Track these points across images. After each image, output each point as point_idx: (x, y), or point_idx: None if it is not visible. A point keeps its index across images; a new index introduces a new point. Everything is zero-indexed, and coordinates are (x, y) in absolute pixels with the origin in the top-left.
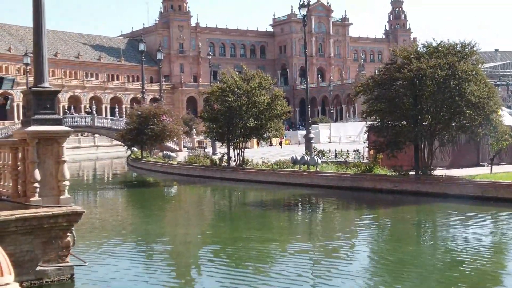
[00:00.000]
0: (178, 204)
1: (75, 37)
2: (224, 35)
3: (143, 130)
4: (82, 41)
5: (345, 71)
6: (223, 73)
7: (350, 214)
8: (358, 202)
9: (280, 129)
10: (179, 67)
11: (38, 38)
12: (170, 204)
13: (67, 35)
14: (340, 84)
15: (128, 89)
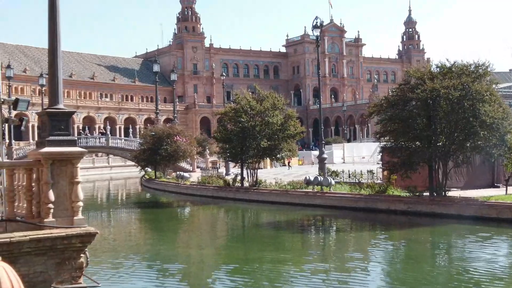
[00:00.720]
0: (191, 225)
1: (90, 58)
2: (238, 56)
3: (156, 150)
4: (97, 62)
5: (358, 91)
6: (236, 94)
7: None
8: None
9: (293, 150)
10: (193, 88)
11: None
12: (183, 224)
13: (82, 56)
14: (354, 104)
15: (142, 109)
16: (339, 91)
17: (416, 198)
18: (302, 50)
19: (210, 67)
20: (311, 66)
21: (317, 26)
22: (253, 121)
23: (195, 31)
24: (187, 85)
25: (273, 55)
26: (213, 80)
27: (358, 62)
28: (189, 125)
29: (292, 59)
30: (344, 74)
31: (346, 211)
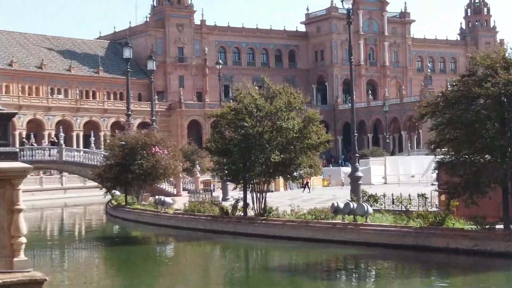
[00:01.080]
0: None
1: (37, 40)
2: (239, 37)
3: (128, 166)
4: (47, 46)
5: (405, 85)
6: (237, 89)
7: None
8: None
9: (316, 165)
10: (178, 80)
11: None
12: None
13: (27, 38)
14: (399, 103)
15: (108, 110)
16: (378, 84)
17: (485, 233)
18: (328, 29)
19: (202, 52)
20: (340, 51)
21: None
22: (261, 126)
23: (181, 2)
24: (170, 77)
25: (288, 35)
26: (205, 70)
27: (405, 45)
28: (173, 131)
29: (314, 41)
30: (385, 61)
31: (388, 249)
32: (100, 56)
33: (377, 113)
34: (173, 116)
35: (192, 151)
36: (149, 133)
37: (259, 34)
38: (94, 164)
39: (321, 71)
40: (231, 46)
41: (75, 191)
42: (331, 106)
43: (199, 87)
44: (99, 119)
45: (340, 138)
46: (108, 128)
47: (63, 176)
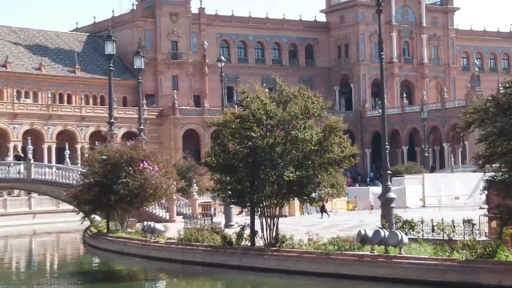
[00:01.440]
0: None
1: (0, 33)
2: (246, 29)
3: (110, 186)
4: (12, 40)
5: (447, 87)
6: (243, 91)
7: None
8: None
9: (339, 185)
10: (171, 81)
11: None
12: None
13: None
14: (440, 108)
15: (86, 117)
16: (415, 86)
17: None
18: (354, 19)
19: (200, 47)
20: (368, 45)
21: None
22: (272, 137)
23: None
24: (162, 77)
25: (305, 27)
26: (204, 69)
27: (448, 39)
28: (165, 143)
29: (337, 33)
30: (423, 58)
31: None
32: (77, 52)
33: (413, 121)
34: (165, 124)
35: (188, 167)
36: (136, 145)
37: (269, 25)
38: (69, 183)
39: (345, 70)
40: (235, 40)
41: (46, 215)
42: (357, 113)
43: (196, 90)
44: (75, 128)
45: (369, 151)
46: (87, 139)
47: (32, 197)
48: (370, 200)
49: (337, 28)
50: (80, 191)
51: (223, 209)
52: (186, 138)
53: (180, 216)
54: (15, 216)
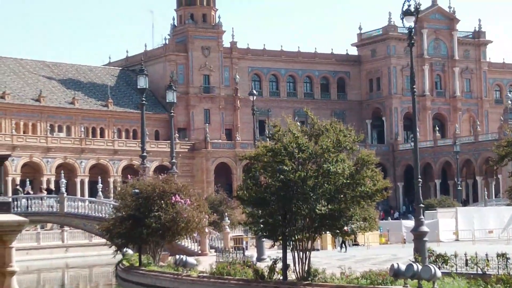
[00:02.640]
0: None
1: (34, 67)
2: (278, 62)
3: (143, 219)
4: (46, 74)
5: (480, 120)
6: (275, 125)
7: None
8: None
9: (372, 218)
10: (203, 115)
11: None
12: None
13: (22, 65)
14: (473, 142)
15: (119, 151)
16: (447, 119)
17: None
18: (385, 52)
19: (232, 81)
20: (400, 78)
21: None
22: (304, 171)
23: (206, 21)
24: (194, 111)
25: (337, 60)
26: (236, 103)
27: (480, 72)
28: (197, 176)
29: (369, 66)
30: (456, 91)
31: None
32: (109, 86)
33: (446, 155)
34: (197, 158)
35: (220, 201)
36: (168, 179)
37: (301, 58)
38: (101, 216)
39: (377, 103)
40: (267, 74)
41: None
42: (389, 146)
43: (228, 123)
44: (108, 162)
45: (401, 185)
46: (119, 173)
47: (65, 231)
48: (403, 233)
49: (368, 62)
50: (112, 224)
51: (255, 243)
52: (218, 171)
53: (212, 249)
54: (48, 250)
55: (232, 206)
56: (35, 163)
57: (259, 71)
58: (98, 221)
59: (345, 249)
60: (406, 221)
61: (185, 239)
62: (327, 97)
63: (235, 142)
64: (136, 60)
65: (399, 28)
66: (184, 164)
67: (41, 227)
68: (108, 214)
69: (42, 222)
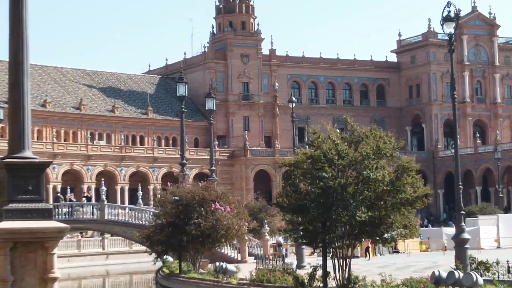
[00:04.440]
0: None
1: (75, 76)
2: (317, 69)
3: (182, 226)
4: (87, 82)
5: None
6: (314, 132)
7: None
8: None
9: (412, 225)
10: (243, 122)
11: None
12: None
13: (62, 73)
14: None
15: (158, 159)
16: (488, 126)
17: None
18: (425, 59)
19: (271, 88)
20: (440, 85)
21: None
22: (343, 178)
23: (245, 28)
24: (233, 118)
25: (376, 67)
26: (275, 110)
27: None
28: (237, 184)
29: (408, 73)
30: (496, 97)
31: None
32: (149, 94)
33: (487, 161)
34: (236, 165)
35: (259, 208)
36: (207, 186)
37: (340, 65)
38: (141, 224)
39: (416, 110)
40: (306, 81)
41: (119, 256)
42: (429, 153)
43: (268, 131)
44: (147, 169)
45: (441, 192)
46: (159, 180)
47: (105, 238)
48: (443, 241)
49: (408, 68)
50: (152, 231)
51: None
52: (257, 178)
53: (251, 256)
54: (89, 257)
55: (271, 213)
56: (75, 171)
57: (298, 78)
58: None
59: (368, 257)
60: (447, 228)
61: (225, 246)
62: (366, 104)
63: (274, 149)
64: (176, 68)
65: (439, 35)
66: (223, 171)
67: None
68: (148, 221)
69: (83, 230)
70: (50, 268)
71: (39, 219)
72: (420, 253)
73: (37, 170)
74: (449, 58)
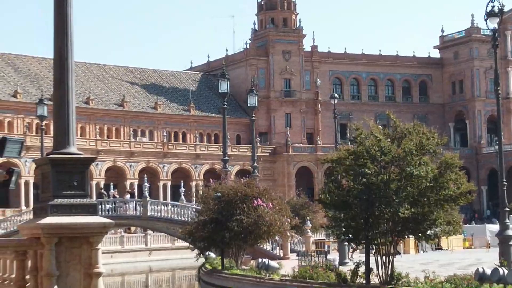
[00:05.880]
0: None
1: (118, 73)
2: (359, 66)
3: (225, 223)
4: (129, 79)
5: None
6: (357, 128)
7: None
8: None
9: (456, 222)
10: (284, 119)
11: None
12: None
13: (106, 70)
14: None
15: (200, 155)
16: None
17: None
18: (468, 55)
19: (313, 85)
20: (483, 81)
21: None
22: (386, 174)
23: (287, 25)
24: (275, 115)
25: (419, 63)
26: (317, 106)
27: None
28: (279, 180)
29: (451, 69)
30: None
31: None
32: (191, 91)
33: None
34: (278, 162)
35: (301, 205)
36: (249, 182)
37: (382, 62)
38: (184, 220)
39: (460, 106)
40: (348, 77)
41: (162, 252)
42: (473, 149)
43: (309, 127)
44: (190, 166)
45: (485, 188)
46: (201, 177)
47: (148, 234)
48: (487, 238)
49: (451, 64)
50: (195, 228)
51: (337, 247)
52: (299, 175)
53: (293, 253)
54: (132, 253)
55: (313, 210)
56: (118, 168)
57: (340, 74)
58: (180, 224)
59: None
60: (491, 225)
61: (267, 242)
62: (408, 101)
63: (316, 146)
64: (218, 64)
65: (482, 30)
66: (265, 168)
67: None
68: (190, 217)
69: (126, 226)
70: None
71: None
72: (463, 250)
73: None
74: (493, 54)
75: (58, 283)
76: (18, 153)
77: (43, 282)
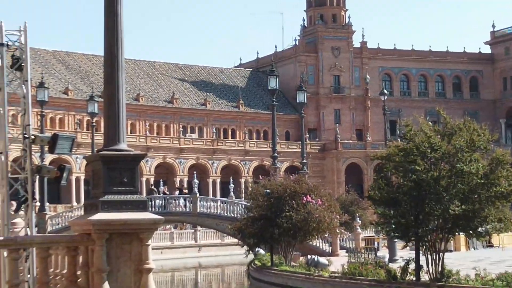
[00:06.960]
0: None
1: (167, 70)
2: (408, 62)
3: (274, 219)
4: (178, 76)
5: None
6: (407, 124)
7: None
8: None
9: (507, 219)
10: (334, 115)
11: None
12: None
13: (155, 67)
14: None
15: (250, 152)
16: None
17: None
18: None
19: (362, 81)
20: None
21: None
22: (436, 171)
23: (336, 21)
24: (324, 111)
25: (470, 59)
26: (367, 103)
27: None
28: (328, 177)
29: (503, 65)
30: None
31: None
32: (240, 88)
33: None
34: (327, 158)
35: (351, 201)
36: (299, 179)
37: (432, 58)
38: (233, 216)
39: (511, 102)
40: (398, 73)
41: (212, 249)
42: None
43: (359, 123)
44: (239, 162)
45: None
46: (250, 173)
47: (197, 231)
48: None
49: (502, 60)
50: (244, 224)
51: (387, 243)
52: (349, 172)
53: (343, 250)
54: (181, 249)
55: (363, 206)
56: (168, 164)
57: (389, 70)
58: (230, 221)
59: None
60: None
61: (316, 239)
62: (459, 97)
63: (366, 143)
64: (267, 61)
65: None
66: (314, 164)
67: (174, 226)
68: (239, 214)
69: (176, 222)
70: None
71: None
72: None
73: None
74: None
75: (109, 279)
76: (69, 150)
77: (94, 278)
